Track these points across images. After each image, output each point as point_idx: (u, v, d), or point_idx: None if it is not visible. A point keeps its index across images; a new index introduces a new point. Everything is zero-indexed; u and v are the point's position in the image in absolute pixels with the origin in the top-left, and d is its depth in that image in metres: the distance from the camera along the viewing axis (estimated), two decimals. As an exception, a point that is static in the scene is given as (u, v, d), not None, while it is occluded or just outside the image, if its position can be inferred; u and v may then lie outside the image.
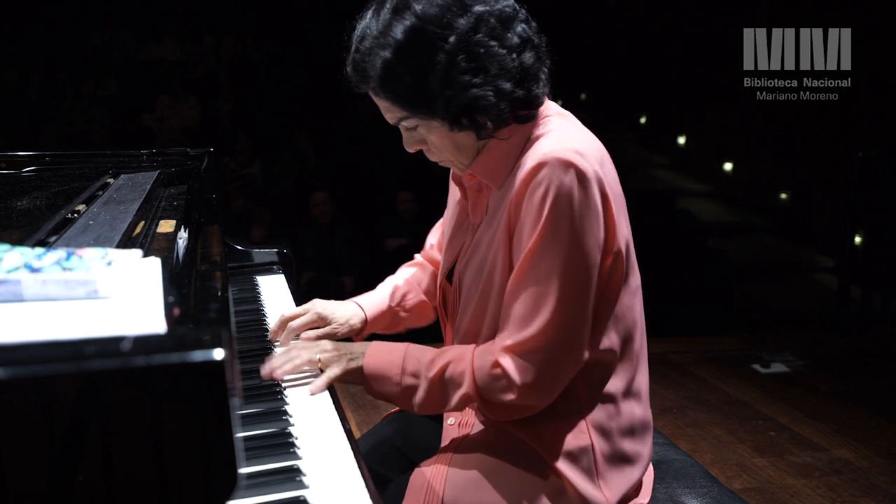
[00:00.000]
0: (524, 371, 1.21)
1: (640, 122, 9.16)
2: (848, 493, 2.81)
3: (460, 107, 1.19)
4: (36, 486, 0.70)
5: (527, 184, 1.20)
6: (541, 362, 1.21)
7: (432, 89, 1.18)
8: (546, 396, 1.25)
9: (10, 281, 0.84)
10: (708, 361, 4.20)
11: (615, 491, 1.30)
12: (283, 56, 8.41)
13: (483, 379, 1.24)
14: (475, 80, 1.18)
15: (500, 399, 1.24)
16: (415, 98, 1.20)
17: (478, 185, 1.35)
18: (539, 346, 1.21)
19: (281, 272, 2.07)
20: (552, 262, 1.18)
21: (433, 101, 1.19)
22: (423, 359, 1.30)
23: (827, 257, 6.48)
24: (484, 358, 1.25)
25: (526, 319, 1.21)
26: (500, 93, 1.20)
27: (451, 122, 1.21)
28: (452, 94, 1.18)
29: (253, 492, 1.02)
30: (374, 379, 1.31)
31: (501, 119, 1.23)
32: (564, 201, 1.17)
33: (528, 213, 1.20)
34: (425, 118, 1.23)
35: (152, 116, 7.12)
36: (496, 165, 1.29)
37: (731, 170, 7.61)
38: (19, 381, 0.68)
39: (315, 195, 5.44)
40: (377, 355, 1.32)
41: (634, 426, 1.34)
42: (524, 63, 1.22)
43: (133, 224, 1.31)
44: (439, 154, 1.30)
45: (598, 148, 1.27)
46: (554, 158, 1.18)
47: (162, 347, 0.72)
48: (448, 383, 1.27)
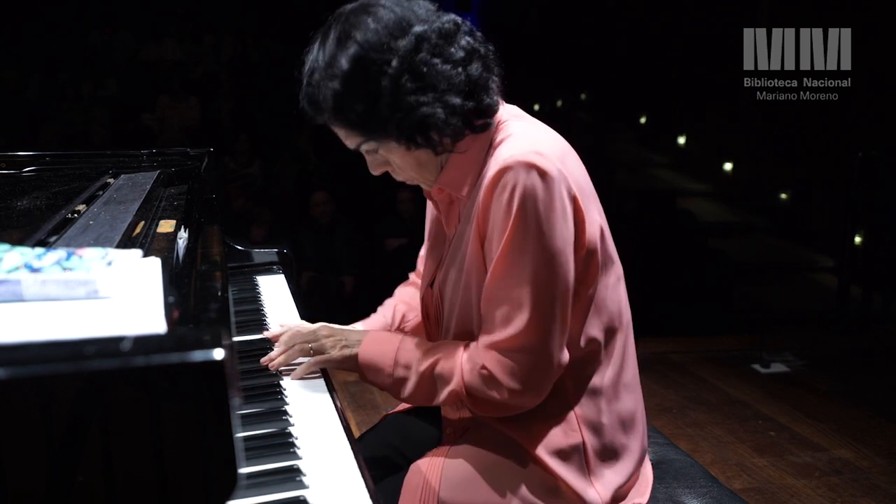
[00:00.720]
0: (509, 371, 1.23)
1: (640, 122, 9.15)
2: (848, 493, 2.81)
3: (412, 126, 1.21)
4: (36, 486, 0.70)
5: (491, 190, 1.21)
6: (524, 361, 1.23)
7: (382, 114, 1.20)
8: (535, 395, 1.26)
9: (10, 281, 0.84)
10: (708, 361, 4.20)
11: (608, 486, 1.31)
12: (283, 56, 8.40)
13: (471, 377, 1.27)
14: (422, 98, 1.20)
15: (489, 397, 1.26)
16: (368, 124, 1.23)
17: (448, 198, 1.37)
18: (520, 346, 1.23)
19: (281, 272, 2.07)
20: (524, 262, 1.20)
21: (385, 125, 1.21)
22: (415, 352, 1.33)
23: (827, 257, 6.48)
24: (472, 358, 1.28)
25: (505, 320, 1.23)
26: (450, 108, 1.21)
27: (406, 141, 1.23)
28: (402, 116, 1.20)
29: (253, 492, 1.02)
30: (368, 368, 1.35)
31: (456, 133, 1.25)
32: (530, 202, 1.18)
33: (496, 218, 1.22)
34: (382, 141, 1.25)
35: (152, 116, 7.12)
36: (461, 176, 1.31)
37: (731, 170, 7.61)
38: (19, 381, 0.68)
39: (315, 195, 5.44)
40: (372, 345, 1.36)
41: (624, 419, 1.35)
42: (471, 75, 1.23)
43: (133, 224, 1.31)
44: (403, 173, 1.33)
45: (559, 145, 1.29)
46: (515, 162, 1.19)
47: (162, 347, 0.72)
48: (437, 378, 1.30)
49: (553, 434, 1.30)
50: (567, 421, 1.30)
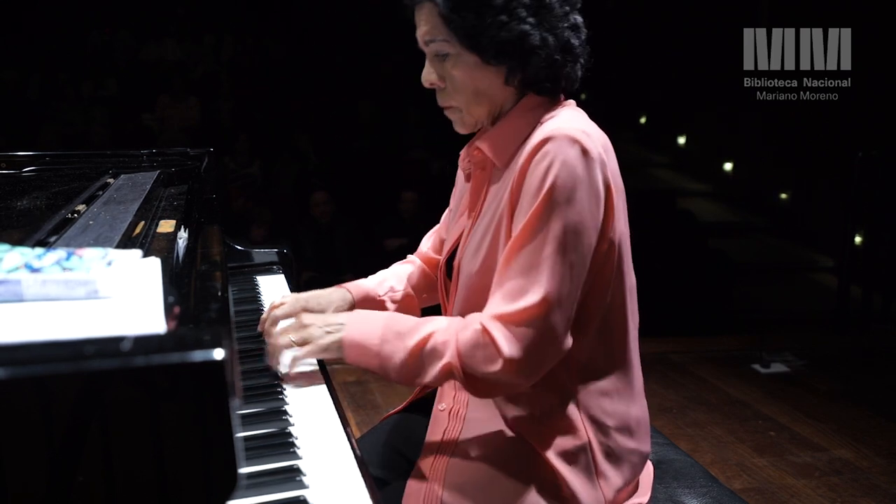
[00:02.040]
0: (511, 342, 1.18)
1: (640, 122, 9.16)
2: (848, 493, 2.81)
3: (509, 35, 1.22)
4: (36, 486, 0.70)
5: (531, 157, 1.21)
6: (529, 336, 1.18)
7: (489, 10, 1.21)
8: (530, 374, 1.22)
9: (10, 281, 0.84)
10: (708, 361, 4.20)
11: (613, 488, 1.31)
12: (283, 56, 8.40)
13: (467, 347, 1.20)
14: (530, 19, 1.22)
15: (483, 370, 1.20)
16: (469, 11, 1.22)
17: (482, 163, 1.36)
18: (529, 320, 1.18)
19: (281, 272, 2.07)
20: (548, 234, 1.18)
21: (484, 22, 1.21)
22: (403, 327, 1.26)
23: (827, 257, 6.48)
24: (470, 325, 1.22)
25: (520, 291, 1.19)
26: (545, 43, 1.24)
27: (490, 51, 1.23)
28: (506, 22, 1.21)
29: (253, 492, 1.02)
30: (352, 348, 1.27)
31: (535, 72, 1.26)
32: (566, 175, 1.17)
33: (530, 185, 1.20)
34: (462, 44, 1.24)
35: (152, 116, 7.12)
36: (502, 143, 1.30)
37: (731, 170, 7.62)
38: (19, 381, 0.68)
39: (315, 195, 5.44)
40: (357, 324, 1.29)
41: (630, 424, 1.34)
42: (571, 40, 1.27)
43: (133, 224, 1.31)
44: (453, 96, 1.31)
45: (604, 138, 1.29)
46: (561, 134, 1.19)
47: (162, 347, 0.72)
48: (430, 353, 1.23)
49: (560, 435, 1.29)
50: (574, 422, 1.30)
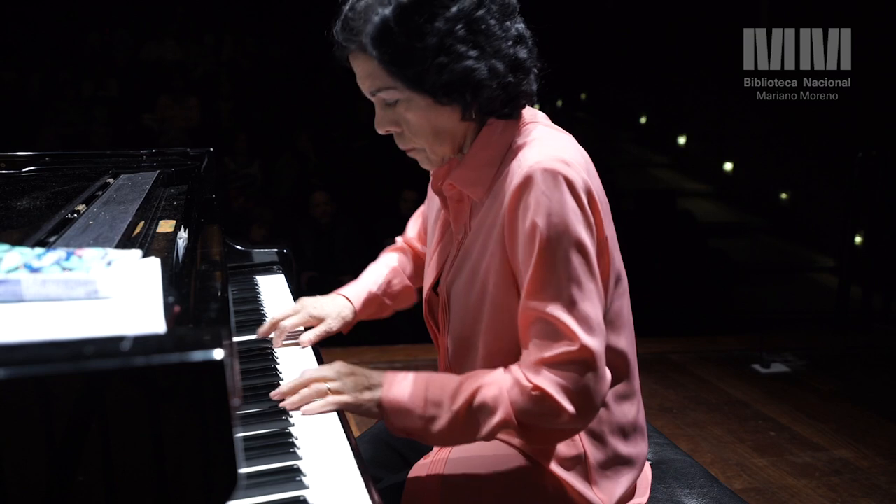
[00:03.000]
0: (563, 388, 1.15)
1: (640, 122, 9.16)
2: (848, 493, 2.81)
3: (452, 76, 1.17)
4: (36, 486, 0.70)
5: (517, 198, 1.18)
6: (577, 375, 1.15)
7: (426, 54, 1.16)
8: (591, 412, 1.19)
9: (10, 281, 0.84)
10: (708, 361, 4.20)
11: (611, 495, 1.30)
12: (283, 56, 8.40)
13: (521, 403, 1.17)
14: (471, 52, 1.17)
15: (544, 421, 1.18)
16: (406, 61, 1.17)
17: (458, 196, 1.33)
18: (572, 359, 1.15)
19: (281, 272, 2.07)
20: (559, 276, 1.16)
21: (425, 68, 1.17)
22: (447, 387, 1.20)
23: (827, 257, 6.48)
24: (518, 381, 1.18)
25: (555, 332, 1.16)
26: (494, 72, 1.19)
27: (439, 93, 1.19)
28: (446, 63, 1.17)
29: (253, 492, 1.02)
30: (395, 412, 1.20)
31: (489, 102, 1.22)
32: (558, 214, 1.15)
33: (525, 231, 1.18)
34: (410, 88, 1.20)
35: (152, 116, 7.12)
36: (476, 176, 1.27)
37: (731, 170, 7.62)
38: (19, 381, 0.68)
39: (315, 195, 5.44)
40: (396, 386, 1.22)
41: (626, 428, 1.34)
42: (518, 55, 1.22)
43: (133, 224, 1.31)
44: (413, 139, 1.27)
45: (582, 156, 1.26)
46: (541, 170, 1.17)
47: (162, 347, 0.72)
48: (478, 411, 1.18)
49: (555, 446, 1.29)
50: None
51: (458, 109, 1.22)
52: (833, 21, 4.06)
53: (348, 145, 6.82)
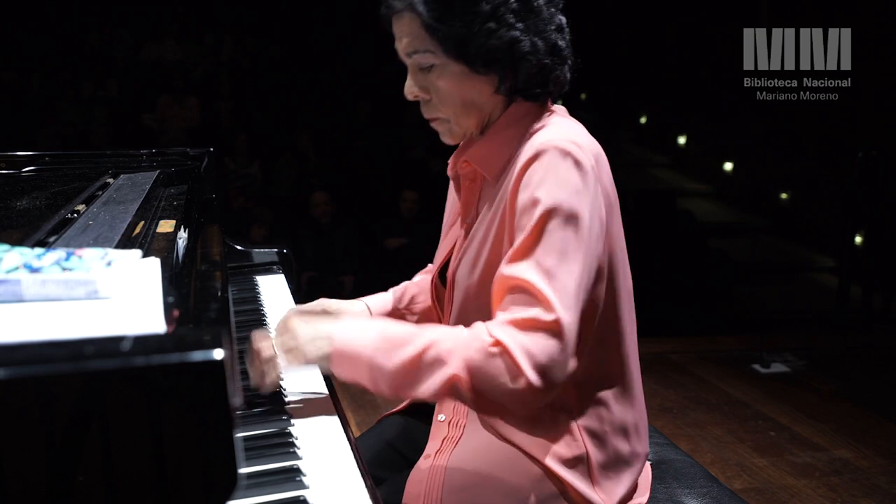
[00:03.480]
0: (527, 351, 1.08)
1: (640, 122, 9.15)
2: (848, 493, 2.81)
3: (499, 43, 1.19)
4: (36, 485, 0.70)
5: (523, 172, 1.19)
6: (546, 345, 1.08)
7: (477, 18, 1.18)
8: (549, 388, 1.10)
9: (10, 281, 0.84)
10: (708, 361, 4.20)
11: (612, 495, 1.30)
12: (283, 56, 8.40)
13: (476, 358, 1.10)
14: (519, 24, 1.20)
15: (498, 384, 1.09)
16: (456, 20, 1.18)
17: (472, 175, 1.33)
18: (545, 326, 1.09)
19: (281, 272, 2.07)
20: (551, 244, 1.13)
21: (472, 31, 1.18)
22: (399, 334, 1.15)
23: (827, 257, 6.48)
24: (479, 336, 1.12)
25: (529, 299, 1.11)
26: (535, 49, 1.21)
27: (480, 60, 1.20)
28: (495, 29, 1.18)
29: (253, 492, 1.02)
30: (342, 359, 1.15)
31: (526, 79, 1.23)
32: (561, 188, 1.15)
33: (525, 201, 1.17)
34: (448, 54, 1.21)
35: (152, 116, 7.12)
36: (492, 155, 1.28)
37: (731, 170, 7.62)
38: (19, 381, 0.68)
39: (315, 195, 5.45)
40: (345, 333, 1.17)
41: (627, 428, 1.34)
42: (558, 42, 1.25)
43: (133, 224, 1.31)
44: (440, 107, 1.27)
45: (596, 147, 1.27)
46: (551, 146, 1.18)
47: (162, 347, 0.72)
48: (431, 364, 1.11)
49: (556, 445, 1.28)
50: (570, 432, 1.29)
51: (492, 81, 1.24)
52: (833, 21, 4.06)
53: (348, 145, 6.82)
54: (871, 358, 4.38)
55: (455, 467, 1.31)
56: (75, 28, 8.06)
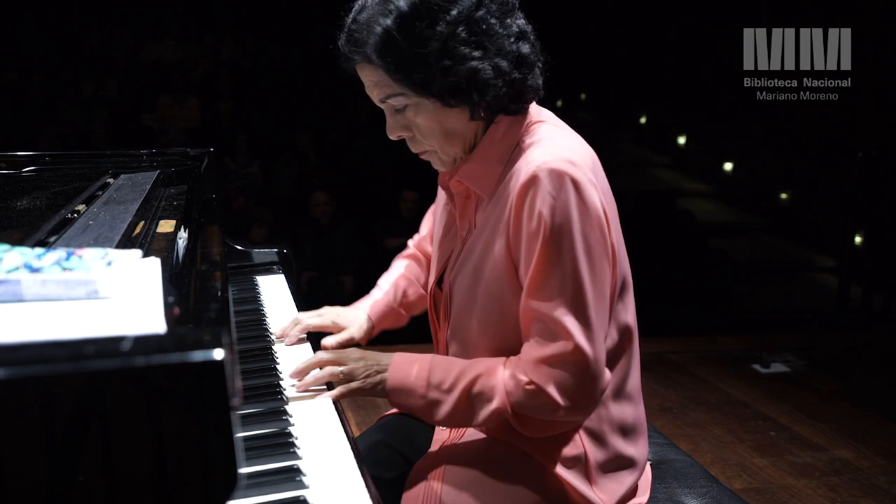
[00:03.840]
0: (559, 386, 1.19)
1: (640, 122, 9.16)
2: (848, 493, 2.81)
3: (457, 78, 1.18)
4: (36, 485, 0.70)
5: (523, 197, 1.19)
6: (575, 375, 1.18)
7: (430, 59, 1.17)
8: (586, 409, 1.24)
9: (10, 281, 0.84)
10: (708, 361, 4.20)
11: (612, 495, 1.30)
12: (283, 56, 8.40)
13: (517, 395, 1.21)
14: (474, 52, 1.19)
15: (538, 414, 1.22)
16: (411, 67, 1.18)
17: (465, 192, 1.34)
18: (571, 359, 1.18)
19: (281, 272, 2.07)
20: (562, 274, 1.17)
21: (430, 72, 1.18)
22: (449, 371, 1.27)
23: (827, 257, 6.48)
24: (515, 374, 1.22)
25: (551, 334, 1.19)
26: (498, 70, 1.20)
27: (446, 95, 1.20)
28: (451, 65, 1.18)
29: (253, 492, 1.02)
30: (399, 392, 1.28)
31: (496, 101, 1.23)
32: (562, 213, 1.16)
33: (530, 230, 1.18)
34: (417, 94, 1.21)
35: (152, 116, 7.12)
36: (483, 172, 1.28)
37: (731, 170, 7.62)
38: (19, 381, 0.68)
39: (315, 195, 5.44)
40: (402, 367, 1.29)
41: (626, 428, 1.34)
42: (521, 52, 1.23)
43: (133, 224, 1.31)
44: (424, 142, 1.28)
45: (590, 156, 1.27)
46: (548, 169, 1.17)
47: (162, 347, 0.72)
48: (476, 398, 1.24)
49: (555, 445, 1.29)
50: (569, 432, 1.30)
51: (466, 110, 1.24)
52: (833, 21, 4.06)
53: (348, 145, 6.82)
54: (871, 358, 4.38)
55: (455, 467, 1.31)
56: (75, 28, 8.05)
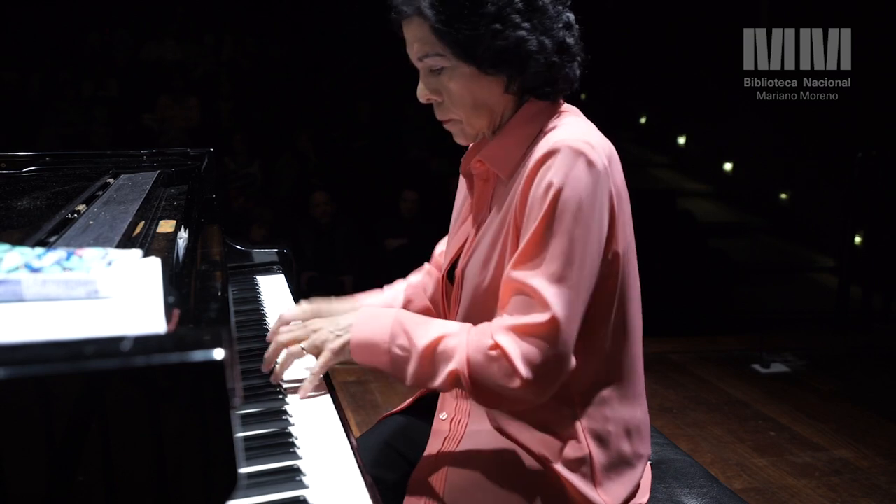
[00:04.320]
0: (524, 356, 1.15)
1: (640, 122, 9.15)
2: (848, 493, 2.81)
3: (505, 42, 1.19)
4: (36, 486, 0.70)
5: (536, 169, 1.20)
6: (543, 350, 1.15)
7: (483, 19, 1.18)
8: (543, 391, 1.18)
9: (10, 281, 0.84)
10: (708, 361, 4.20)
11: (614, 496, 1.30)
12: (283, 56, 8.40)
13: (478, 357, 1.18)
14: (524, 24, 1.20)
15: (494, 382, 1.17)
16: (462, 24, 1.19)
17: (485, 174, 1.34)
18: (543, 333, 1.15)
19: (281, 272, 2.07)
20: (555, 249, 1.16)
21: (478, 32, 1.19)
22: (415, 327, 1.24)
23: (827, 257, 6.48)
24: (481, 337, 1.19)
25: (528, 305, 1.17)
26: (542, 47, 1.22)
27: (487, 61, 1.21)
28: (501, 30, 1.19)
29: (253, 492, 1.02)
30: (363, 349, 1.25)
31: (535, 76, 1.24)
32: (571, 188, 1.16)
33: (535, 198, 1.19)
34: (457, 56, 1.22)
35: (152, 116, 7.12)
36: (505, 154, 1.29)
37: (731, 170, 7.62)
38: (19, 381, 0.68)
39: (315, 195, 5.45)
40: (365, 323, 1.26)
41: (630, 429, 1.34)
42: (566, 40, 1.25)
43: (133, 224, 1.31)
44: (452, 109, 1.28)
45: (609, 146, 1.28)
46: (565, 145, 1.18)
47: (162, 347, 0.72)
48: (439, 357, 1.21)
49: (560, 445, 1.29)
50: (574, 433, 1.29)
51: (501, 82, 1.25)
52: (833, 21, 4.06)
53: (348, 145, 6.82)
54: (871, 358, 4.38)
55: (456, 467, 1.31)
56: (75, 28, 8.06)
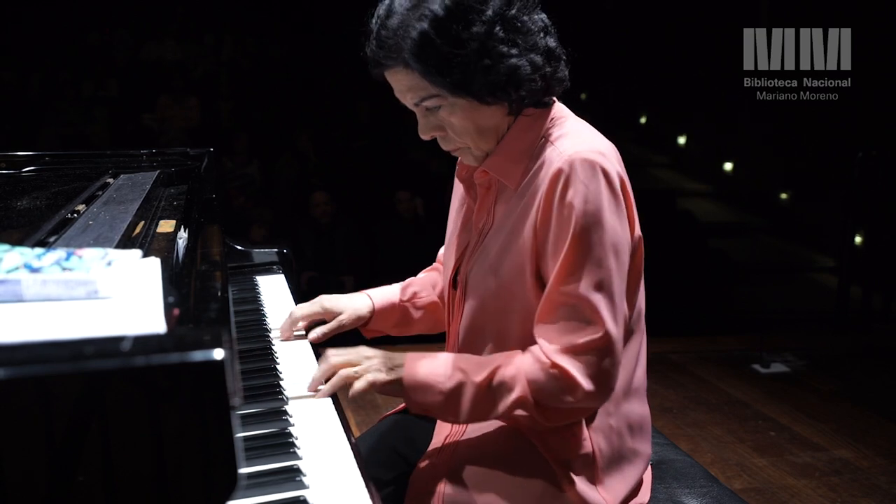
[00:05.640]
0: (584, 372, 1.19)
1: (640, 122, 9.16)
2: (848, 493, 2.81)
3: (498, 76, 1.20)
4: (36, 486, 0.70)
5: (554, 185, 1.20)
6: (600, 362, 1.19)
7: (470, 59, 1.18)
8: (606, 395, 1.23)
9: (10, 281, 0.84)
10: (708, 361, 4.20)
11: (615, 494, 1.31)
12: (283, 56, 8.40)
13: (539, 380, 1.20)
14: (512, 50, 1.20)
15: (561, 401, 1.21)
16: (451, 69, 1.19)
17: (487, 183, 1.34)
18: (598, 347, 1.19)
19: (281, 272, 2.07)
20: (592, 263, 1.18)
21: (469, 73, 1.19)
22: (467, 364, 1.25)
23: (827, 257, 6.48)
24: (538, 360, 1.22)
25: (580, 323, 1.19)
26: (534, 65, 1.22)
27: (485, 94, 1.21)
28: (491, 65, 1.19)
29: (253, 492, 1.02)
30: (416, 389, 1.25)
31: (533, 94, 1.25)
32: (593, 203, 1.18)
33: (561, 218, 1.20)
34: (454, 94, 1.22)
35: (152, 116, 7.11)
36: (510, 164, 1.29)
37: (731, 170, 7.62)
38: (19, 381, 0.68)
39: (315, 195, 5.44)
40: (417, 363, 1.27)
41: (633, 424, 1.35)
42: (549, 44, 1.25)
43: (133, 224, 1.31)
44: (457, 140, 1.29)
45: (613, 148, 1.29)
46: (579, 159, 1.19)
47: (162, 347, 0.72)
48: (497, 388, 1.22)
49: (563, 442, 1.29)
50: (577, 427, 1.30)
51: (503, 106, 1.25)
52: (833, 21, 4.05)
53: (348, 145, 6.82)
54: (871, 358, 4.38)
55: (458, 465, 1.31)
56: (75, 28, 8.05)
